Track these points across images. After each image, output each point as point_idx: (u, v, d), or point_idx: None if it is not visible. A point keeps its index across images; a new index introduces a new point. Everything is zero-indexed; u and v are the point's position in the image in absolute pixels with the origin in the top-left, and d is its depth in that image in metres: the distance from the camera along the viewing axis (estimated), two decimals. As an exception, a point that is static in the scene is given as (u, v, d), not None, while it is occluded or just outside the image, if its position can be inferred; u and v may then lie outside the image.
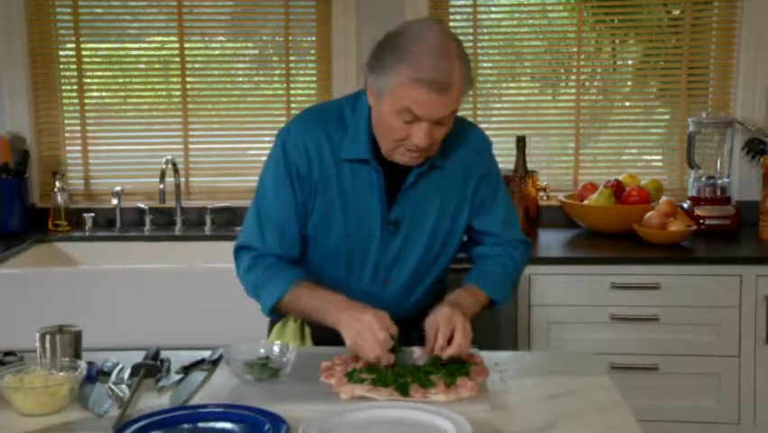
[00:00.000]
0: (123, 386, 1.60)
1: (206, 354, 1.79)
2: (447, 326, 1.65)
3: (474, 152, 1.88)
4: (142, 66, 3.51)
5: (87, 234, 3.31)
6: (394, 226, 1.82)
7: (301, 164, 1.79)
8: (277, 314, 1.86)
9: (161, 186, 3.17)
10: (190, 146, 3.50)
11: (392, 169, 1.78)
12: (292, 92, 3.48)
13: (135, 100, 3.53)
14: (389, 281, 1.86)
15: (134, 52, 3.51)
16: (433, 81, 1.60)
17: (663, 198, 3.17)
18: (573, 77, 3.47)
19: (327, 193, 1.80)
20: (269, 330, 1.98)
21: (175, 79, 3.49)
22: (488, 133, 3.56)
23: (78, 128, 3.50)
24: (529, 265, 2.80)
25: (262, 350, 1.72)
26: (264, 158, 1.88)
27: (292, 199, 1.80)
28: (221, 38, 3.53)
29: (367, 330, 1.62)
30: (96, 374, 1.66)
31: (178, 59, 3.46)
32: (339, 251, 1.84)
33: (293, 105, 3.45)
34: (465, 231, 1.92)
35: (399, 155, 1.73)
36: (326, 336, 1.76)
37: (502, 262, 1.91)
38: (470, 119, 3.41)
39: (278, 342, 1.77)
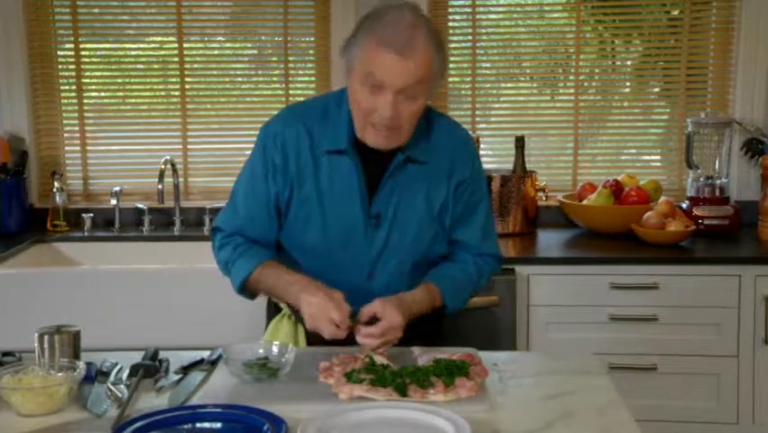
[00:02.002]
0: (122, 386, 1.60)
1: (205, 354, 1.79)
2: (367, 313, 1.71)
3: (458, 153, 1.88)
4: (141, 66, 3.51)
5: (86, 234, 3.31)
6: (376, 220, 1.83)
7: (277, 157, 1.83)
8: (248, 293, 1.90)
9: (160, 186, 3.17)
10: (189, 146, 3.50)
11: (373, 163, 1.79)
12: (291, 92, 3.48)
13: (134, 100, 3.53)
14: (375, 276, 1.87)
15: (133, 53, 3.51)
16: (395, 44, 1.65)
17: (662, 199, 3.17)
18: (572, 77, 3.47)
19: (304, 187, 1.83)
20: (266, 328, 1.99)
21: (174, 80, 3.48)
22: (486, 133, 3.60)
23: (77, 128, 3.49)
24: (527, 266, 2.84)
25: (261, 350, 1.72)
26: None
27: (263, 191, 1.85)
28: (220, 38, 3.53)
29: (321, 311, 1.68)
30: (95, 375, 1.66)
31: (176, 59, 3.46)
32: (321, 245, 1.85)
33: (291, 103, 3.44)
34: None
35: (369, 135, 1.75)
36: (319, 335, 1.77)
37: (468, 270, 1.91)
38: (469, 119, 3.45)
39: (276, 342, 1.77)
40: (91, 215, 3.35)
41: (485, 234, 1.94)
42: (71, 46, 3.45)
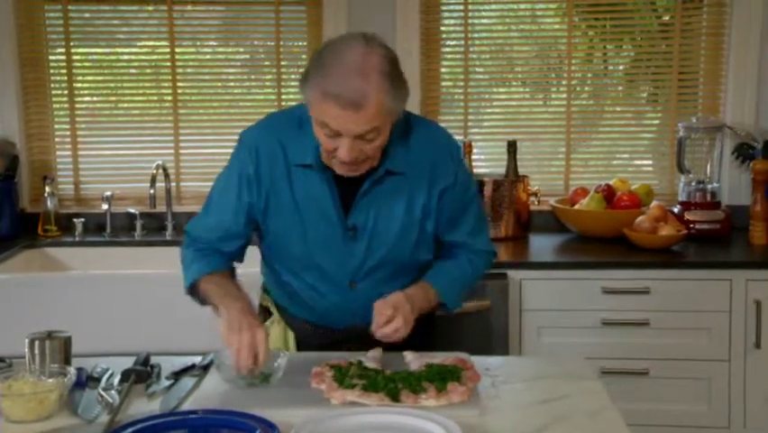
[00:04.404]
0: (113, 392, 1.60)
1: (197, 359, 1.79)
2: (386, 307, 1.68)
3: (439, 158, 1.84)
4: (133, 71, 3.50)
5: (77, 239, 3.30)
6: (353, 232, 1.81)
7: (251, 168, 1.82)
8: (196, 296, 1.87)
9: (152, 191, 3.16)
10: (181, 151, 3.49)
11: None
12: (283, 97, 3.48)
13: (126, 105, 3.52)
14: (357, 286, 1.86)
15: (125, 57, 3.50)
16: (342, 97, 1.59)
17: (654, 203, 3.18)
18: (564, 81, 3.48)
19: (280, 198, 1.81)
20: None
21: (166, 84, 3.48)
22: (479, 137, 3.60)
23: (68, 133, 3.49)
24: (520, 270, 2.84)
25: (253, 355, 1.72)
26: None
27: (234, 200, 1.84)
28: (212, 43, 3.53)
29: (234, 346, 1.62)
30: (86, 380, 1.65)
31: (168, 63, 3.46)
32: (303, 255, 1.84)
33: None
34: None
35: (336, 167, 1.73)
36: (310, 341, 1.76)
37: (462, 267, 1.90)
38: (462, 123, 3.45)
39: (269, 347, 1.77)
40: (82, 219, 3.33)
41: (476, 233, 1.93)
42: (63, 50, 3.44)
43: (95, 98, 3.53)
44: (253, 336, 1.62)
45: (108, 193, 3.32)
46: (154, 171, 3.21)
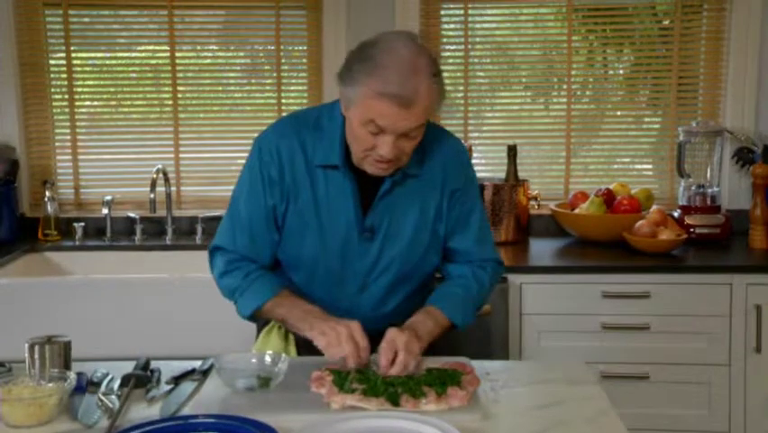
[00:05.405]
0: (113, 397, 1.60)
1: (197, 364, 1.79)
2: (389, 348, 1.67)
3: (451, 163, 1.88)
4: (134, 75, 3.50)
5: (77, 243, 3.30)
6: (369, 233, 1.82)
7: (273, 169, 1.82)
8: (254, 319, 1.88)
9: (152, 195, 3.16)
10: (181, 155, 3.49)
11: (368, 176, 1.79)
12: (283, 101, 3.48)
13: (126, 109, 3.52)
14: (367, 288, 1.87)
15: (125, 61, 3.50)
16: (397, 96, 1.61)
17: (654, 207, 3.18)
18: (564, 86, 3.48)
19: (300, 199, 1.82)
20: (257, 338, 1.98)
21: (166, 88, 3.48)
22: (479, 141, 3.61)
23: (69, 137, 3.49)
24: (520, 274, 2.84)
25: (254, 360, 1.72)
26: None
27: (263, 204, 1.84)
28: (212, 47, 3.53)
29: (338, 337, 1.66)
30: (86, 385, 1.65)
31: (169, 67, 3.46)
32: (316, 256, 1.85)
33: (284, 114, 3.43)
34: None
35: (368, 165, 1.75)
36: (311, 344, 1.76)
37: (466, 284, 1.90)
38: (462, 128, 3.45)
39: (269, 352, 1.77)
40: (82, 224, 3.33)
41: (481, 241, 1.93)
42: (63, 55, 3.44)
43: (95, 102, 3.53)
44: (348, 328, 1.66)
45: (108, 197, 3.32)
46: (154, 176, 3.21)
